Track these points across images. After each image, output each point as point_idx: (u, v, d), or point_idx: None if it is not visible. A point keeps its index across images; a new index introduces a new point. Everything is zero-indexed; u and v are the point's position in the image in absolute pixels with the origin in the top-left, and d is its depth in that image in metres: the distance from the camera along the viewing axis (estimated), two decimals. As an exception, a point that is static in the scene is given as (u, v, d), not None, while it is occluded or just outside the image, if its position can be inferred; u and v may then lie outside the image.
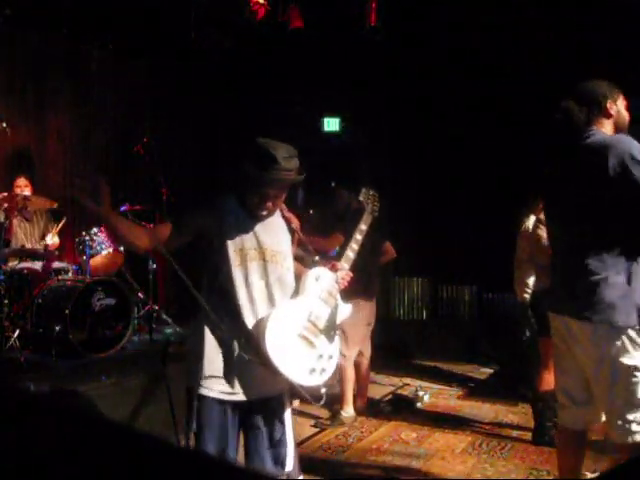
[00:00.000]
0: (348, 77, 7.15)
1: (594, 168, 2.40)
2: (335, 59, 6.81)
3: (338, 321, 2.44)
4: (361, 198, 2.83)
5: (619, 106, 2.57)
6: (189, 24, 5.74)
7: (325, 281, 2.43)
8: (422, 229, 7.43)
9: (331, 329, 2.39)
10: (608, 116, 2.54)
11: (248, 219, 2.28)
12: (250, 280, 2.24)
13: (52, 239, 5.08)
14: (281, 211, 2.42)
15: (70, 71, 6.13)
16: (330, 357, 2.37)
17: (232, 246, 2.23)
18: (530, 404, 4.17)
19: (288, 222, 2.43)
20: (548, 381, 3.94)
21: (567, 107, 2.64)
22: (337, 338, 2.43)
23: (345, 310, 2.50)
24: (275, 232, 2.36)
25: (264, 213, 2.28)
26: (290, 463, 2.35)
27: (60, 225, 5.21)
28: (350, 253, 2.58)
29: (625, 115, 2.59)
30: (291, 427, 2.38)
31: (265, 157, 2.19)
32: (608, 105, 2.53)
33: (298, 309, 2.31)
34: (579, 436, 2.67)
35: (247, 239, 2.26)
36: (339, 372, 4.61)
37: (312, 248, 2.51)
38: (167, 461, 0.61)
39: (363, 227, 2.72)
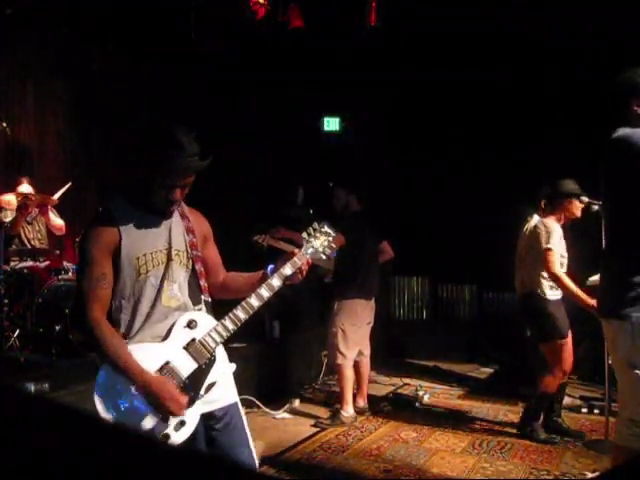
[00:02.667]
0: (348, 77, 7.15)
1: (612, 167, 2.39)
2: (335, 59, 6.80)
3: (211, 380, 1.98)
4: (304, 235, 2.21)
5: None
6: (189, 24, 5.73)
7: (200, 330, 1.98)
8: (422, 229, 7.43)
9: (192, 389, 1.92)
10: (631, 112, 2.40)
11: (145, 217, 1.99)
12: (161, 287, 1.98)
13: (56, 218, 5.06)
14: (181, 208, 2.13)
15: (70, 71, 6.13)
16: (181, 424, 1.89)
17: (134, 252, 1.95)
18: (527, 399, 4.20)
19: (188, 221, 2.13)
20: (551, 384, 3.96)
21: (611, 98, 2.51)
22: (200, 404, 1.96)
23: (226, 368, 2.07)
24: (176, 229, 2.07)
25: (173, 208, 2.03)
26: None
27: (64, 189, 5.05)
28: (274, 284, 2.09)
29: None
30: None
31: (170, 144, 1.92)
32: (632, 104, 2.40)
33: (150, 355, 1.89)
34: None
35: (148, 241, 1.98)
36: (338, 372, 4.62)
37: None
38: (166, 461, 0.61)
39: (287, 271, 2.11)
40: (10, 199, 4.73)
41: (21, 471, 0.58)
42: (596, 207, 3.75)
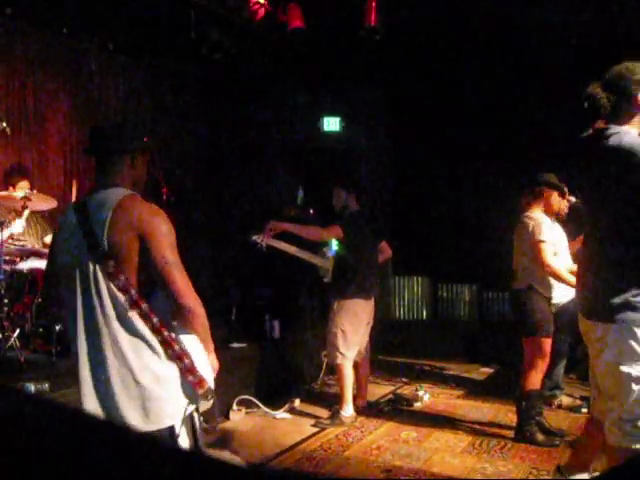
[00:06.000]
0: (348, 77, 7.15)
1: (612, 174, 2.23)
2: (335, 59, 6.81)
3: None
4: None
5: None
6: (189, 24, 5.73)
7: None
8: (422, 228, 7.43)
9: None
10: (635, 109, 2.26)
11: None
12: None
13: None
14: None
15: (70, 71, 6.12)
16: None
17: None
18: (515, 402, 4.20)
19: None
20: (533, 381, 3.98)
21: (593, 94, 2.31)
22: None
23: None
24: None
25: None
26: None
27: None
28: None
29: None
30: None
31: (138, 125, 2.30)
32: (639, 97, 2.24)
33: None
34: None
35: None
36: (338, 372, 4.62)
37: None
38: (166, 460, 0.61)
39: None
40: (7, 196, 4.69)
41: (21, 471, 0.58)
42: None
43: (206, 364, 2.06)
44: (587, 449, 2.87)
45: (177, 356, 1.96)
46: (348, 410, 4.53)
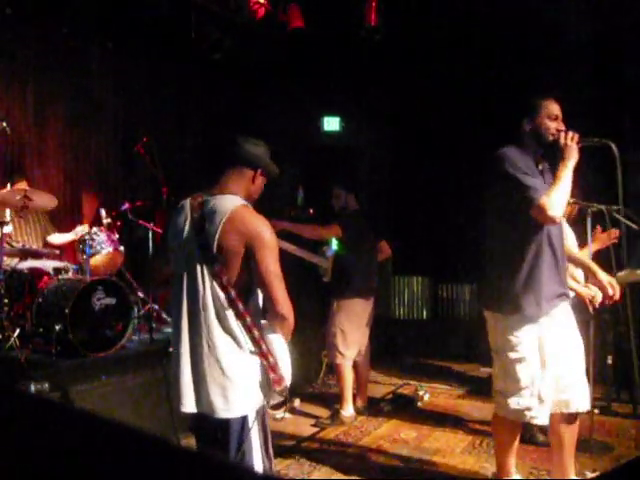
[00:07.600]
0: (348, 77, 7.15)
1: (486, 179, 2.90)
2: (335, 59, 6.81)
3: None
4: None
5: (538, 121, 2.92)
6: (189, 24, 5.74)
7: None
8: (422, 228, 7.43)
9: None
10: (522, 131, 2.98)
11: None
12: None
13: (62, 238, 5.11)
14: None
15: (70, 71, 6.12)
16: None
17: None
18: None
19: None
20: None
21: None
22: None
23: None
24: None
25: None
26: None
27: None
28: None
29: (541, 130, 2.90)
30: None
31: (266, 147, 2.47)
32: (523, 123, 2.98)
33: None
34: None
35: None
36: (338, 371, 4.62)
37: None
38: (167, 460, 0.61)
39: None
40: (6, 196, 4.68)
41: (21, 471, 0.58)
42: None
43: (288, 363, 2.22)
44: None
45: (262, 354, 2.13)
46: (348, 410, 4.54)
